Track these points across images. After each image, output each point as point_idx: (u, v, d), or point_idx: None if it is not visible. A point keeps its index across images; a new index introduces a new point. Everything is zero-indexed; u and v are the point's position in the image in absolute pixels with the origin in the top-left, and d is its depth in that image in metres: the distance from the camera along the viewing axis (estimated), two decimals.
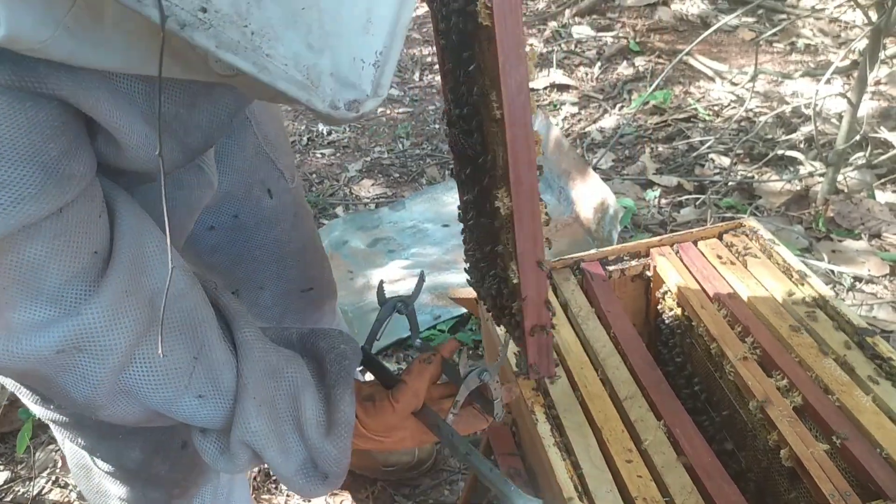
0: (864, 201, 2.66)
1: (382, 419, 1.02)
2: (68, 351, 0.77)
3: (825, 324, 1.32)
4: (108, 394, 0.83)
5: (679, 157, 3.10)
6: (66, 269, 0.76)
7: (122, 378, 0.83)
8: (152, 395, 0.85)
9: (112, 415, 0.86)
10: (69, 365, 0.79)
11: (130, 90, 0.74)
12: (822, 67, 3.43)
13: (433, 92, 3.78)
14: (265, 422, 0.92)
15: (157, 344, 0.80)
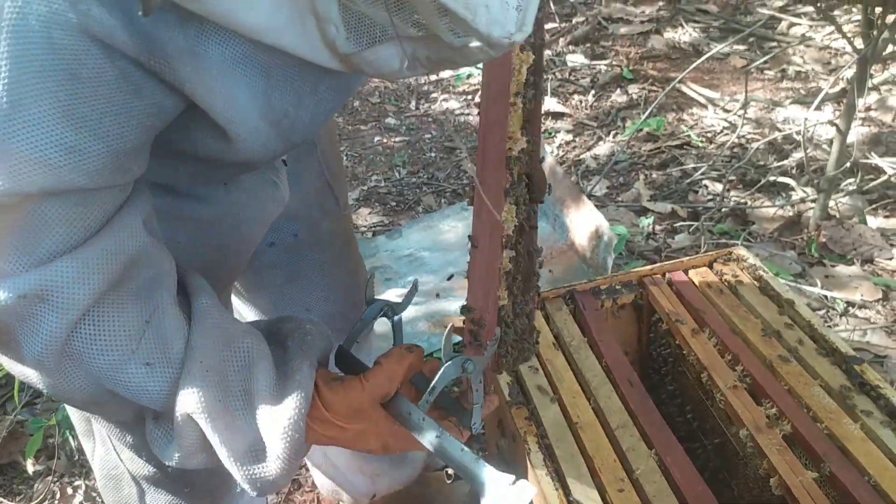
0: (855, 227, 2.69)
1: (348, 399, 0.93)
2: (30, 299, 0.77)
3: (813, 352, 1.33)
4: (57, 354, 0.81)
5: (673, 183, 3.13)
6: (67, 236, 0.77)
7: (71, 338, 0.81)
8: (98, 357, 0.83)
9: (57, 385, 0.84)
10: (28, 314, 0.78)
11: (252, 84, 0.78)
12: (812, 94, 3.47)
13: (429, 121, 3.83)
14: (213, 391, 0.87)
15: (111, 305, 0.81)
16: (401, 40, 0.74)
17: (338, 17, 0.72)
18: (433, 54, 0.76)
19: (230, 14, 0.68)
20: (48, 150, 0.69)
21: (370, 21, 0.73)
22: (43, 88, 0.66)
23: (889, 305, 2.43)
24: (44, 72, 0.66)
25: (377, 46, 0.74)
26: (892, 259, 2.59)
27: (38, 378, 0.84)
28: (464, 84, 4.11)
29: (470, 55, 0.72)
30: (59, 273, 0.77)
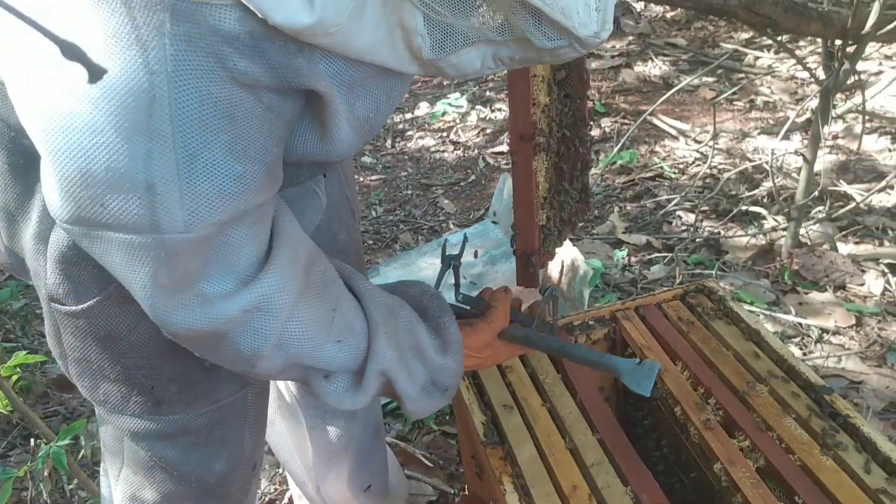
0: (826, 254, 2.73)
1: (480, 337, 1.20)
2: (251, 311, 0.91)
3: (784, 383, 1.35)
4: (272, 347, 0.95)
5: (647, 215, 3.16)
6: (256, 250, 0.91)
7: (282, 334, 0.96)
8: (302, 344, 0.98)
9: (265, 366, 0.99)
10: (249, 322, 0.92)
11: (342, 96, 0.87)
12: (780, 124, 3.54)
13: (405, 158, 3.86)
14: (394, 351, 1.07)
15: (306, 303, 0.98)
16: (485, 44, 0.85)
17: (423, 28, 0.82)
18: (517, 54, 0.86)
19: (348, 42, 0.79)
20: (224, 183, 0.80)
21: (454, 29, 0.83)
22: (210, 136, 0.78)
23: (863, 331, 2.45)
24: (207, 122, 0.77)
25: (460, 51, 0.85)
26: (864, 285, 2.63)
27: (249, 365, 0.98)
28: (439, 121, 4.15)
29: (560, 55, 0.84)
30: (267, 286, 0.91)
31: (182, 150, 0.77)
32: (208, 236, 0.83)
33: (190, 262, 0.84)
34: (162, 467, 1.19)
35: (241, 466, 1.26)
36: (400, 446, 2.18)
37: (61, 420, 2.39)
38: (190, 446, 1.18)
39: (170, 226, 0.80)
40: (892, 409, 2.18)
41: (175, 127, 0.76)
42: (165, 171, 0.77)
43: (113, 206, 0.79)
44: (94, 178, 0.77)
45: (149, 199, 0.78)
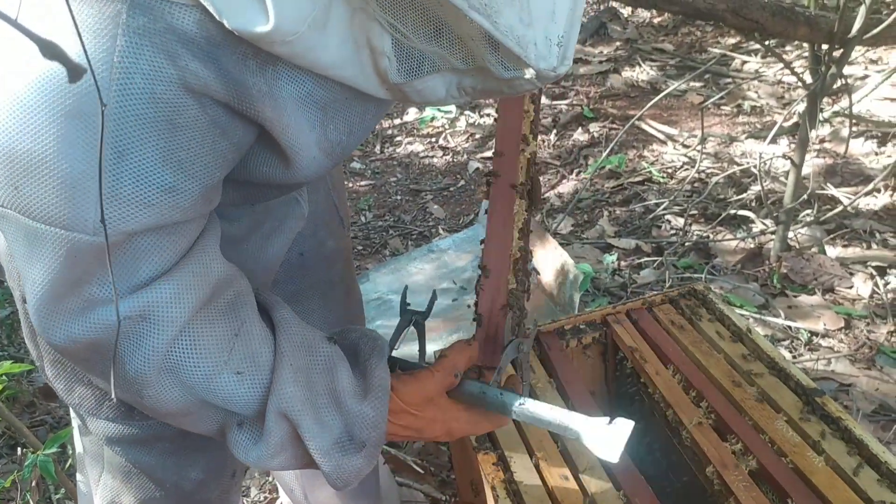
0: (815, 257, 2.74)
1: (419, 387, 1.04)
2: (134, 319, 0.84)
3: (776, 385, 1.35)
4: (157, 368, 0.88)
5: (636, 219, 3.17)
6: (161, 262, 0.85)
7: (169, 353, 0.88)
8: (194, 369, 0.90)
9: (154, 396, 0.90)
10: (131, 332, 0.85)
11: (312, 119, 0.85)
12: (768, 128, 3.56)
13: (394, 164, 3.85)
14: (301, 390, 0.95)
15: (203, 322, 0.90)
16: (450, 72, 0.84)
17: (391, 50, 0.81)
18: (479, 84, 0.85)
19: (308, 53, 0.76)
20: (151, 192, 0.76)
21: (420, 54, 0.82)
22: (145, 137, 0.74)
23: (851, 334, 2.46)
24: (146, 123, 0.73)
25: (425, 77, 0.83)
26: (852, 288, 2.64)
27: (136, 392, 0.90)
28: (428, 127, 4.15)
29: (518, 86, 0.82)
30: (159, 294, 0.84)
31: (111, 146, 0.73)
32: (115, 243, 0.79)
33: (87, 265, 0.80)
34: (138, 473, 1.18)
35: (219, 474, 1.25)
36: (391, 453, 2.17)
37: (48, 429, 2.37)
38: (165, 452, 1.17)
39: (79, 225, 0.76)
40: (881, 411, 2.18)
41: (110, 120, 0.72)
42: (87, 166, 0.73)
43: (27, 191, 0.74)
44: (14, 158, 0.73)
45: (64, 192, 0.74)
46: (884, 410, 2.18)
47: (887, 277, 2.66)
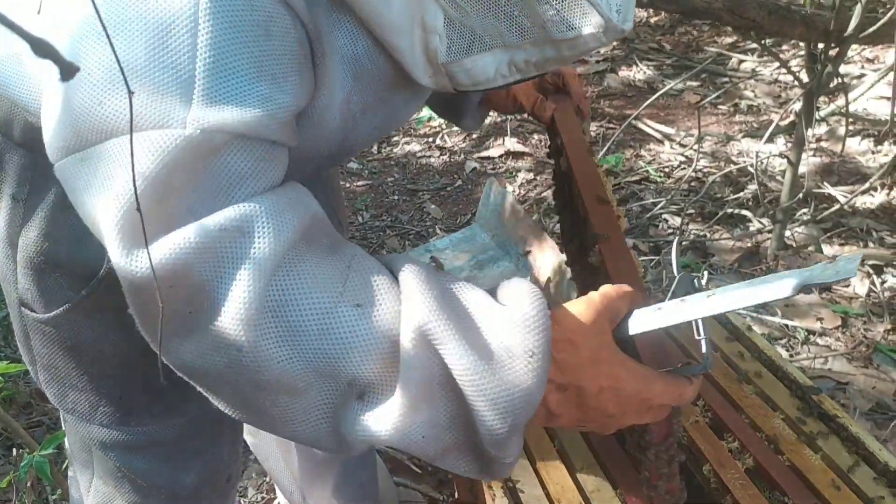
0: (812, 255, 2.74)
1: (582, 311, 0.80)
2: (231, 231, 0.72)
3: (772, 383, 1.35)
4: (260, 303, 0.72)
5: (633, 218, 3.17)
6: (255, 188, 0.75)
7: (272, 284, 0.73)
8: (304, 302, 0.73)
9: (254, 354, 0.73)
10: (228, 250, 0.72)
11: (344, 83, 0.83)
12: (764, 127, 3.56)
13: (391, 164, 3.85)
14: (439, 307, 0.74)
15: (308, 254, 0.76)
16: (501, 49, 0.83)
17: (442, 29, 0.80)
18: (534, 57, 0.84)
19: (378, 8, 0.77)
20: (247, 97, 0.72)
21: (471, 32, 0.82)
22: (241, 42, 0.71)
23: (848, 332, 2.46)
24: (242, 27, 0.71)
25: (475, 56, 0.83)
26: (849, 286, 2.64)
27: (231, 353, 0.73)
28: (425, 126, 4.15)
29: (581, 44, 0.82)
30: (258, 207, 0.73)
31: (208, 49, 0.69)
32: (212, 149, 0.71)
33: (180, 176, 0.71)
34: (132, 478, 1.16)
35: (214, 479, 1.23)
36: (388, 453, 2.17)
37: (45, 431, 2.36)
38: (160, 458, 1.15)
39: (174, 121, 0.69)
40: (878, 409, 2.19)
41: (207, 22, 0.69)
42: (183, 67, 0.69)
43: (113, 104, 0.70)
44: (100, 69, 0.70)
45: (156, 96, 0.69)
46: (880, 408, 2.19)
47: (884, 276, 2.67)
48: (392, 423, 0.75)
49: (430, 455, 0.79)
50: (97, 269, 0.98)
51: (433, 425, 0.77)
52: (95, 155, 0.72)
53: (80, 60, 0.71)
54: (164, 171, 0.70)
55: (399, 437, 0.76)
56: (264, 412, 0.78)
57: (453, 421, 0.77)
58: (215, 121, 0.70)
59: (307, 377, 0.74)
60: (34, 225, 0.97)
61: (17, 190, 0.97)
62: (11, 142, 0.96)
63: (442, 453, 0.80)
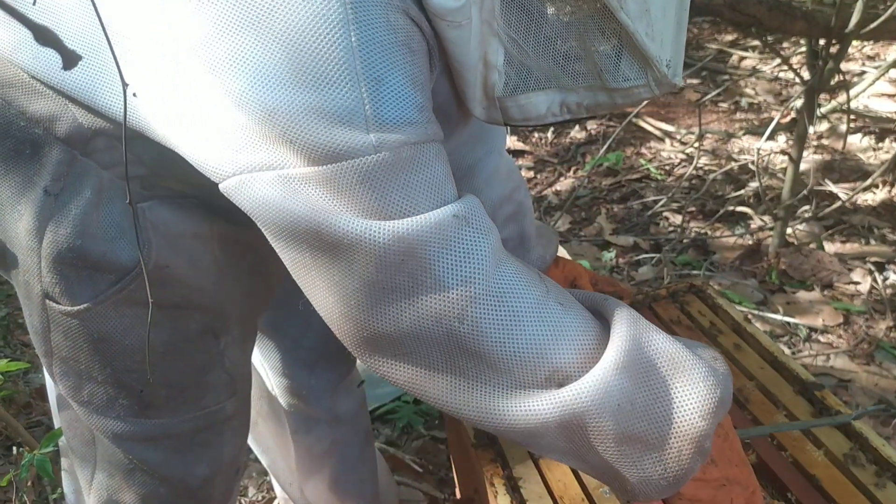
0: (813, 253, 2.74)
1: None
2: (461, 218, 0.81)
3: (775, 379, 1.34)
4: (485, 292, 0.81)
5: (634, 216, 3.17)
6: (452, 190, 0.84)
7: (497, 273, 0.83)
8: (525, 292, 0.83)
9: (475, 329, 0.82)
10: (455, 237, 0.81)
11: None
12: (765, 125, 3.56)
13: None
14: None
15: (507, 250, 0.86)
16: (556, 90, 0.89)
17: (502, 65, 0.87)
18: (585, 100, 0.90)
19: (461, 43, 0.84)
20: (409, 111, 0.78)
21: (528, 71, 0.88)
22: (393, 63, 0.77)
23: (850, 329, 2.46)
24: (391, 49, 0.77)
25: (531, 93, 0.89)
26: (851, 283, 2.64)
27: (453, 322, 0.82)
28: None
29: (635, 94, 0.88)
30: (471, 201, 0.83)
31: (367, 76, 0.76)
32: (404, 160, 0.79)
33: (394, 192, 0.79)
34: (142, 470, 1.16)
35: (224, 470, 1.24)
36: (389, 452, 2.16)
37: (44, 430, 2.36)
38: (172, 449, 1.16)
39: (362, 150, 0.76)
40: (880, 406, 2.18)
41: (359, 52, 0.75)
42: (349, 96, 0.75)
43: (304, 139, 0.76)
44: (278, 111, 0.76)
45: (333, 125, 0.76)
46: (883, 405, 2.18)
47: (886, 273, 2.66)
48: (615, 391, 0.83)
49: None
50: (130, 266, 0.99)
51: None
52: (288, 181, 0.79)
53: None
54: (374, 194, 0.78)
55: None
56: (463, 375, 0.85)
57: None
58: (395, 139, 0.77)
59: (512, 360, 0.83)
60: (66, 221, 0.97)
61: (52, 184, 0.97)
62: (53, 136, 0.96)
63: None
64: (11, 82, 0.95)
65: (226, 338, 1.13)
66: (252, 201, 0.81)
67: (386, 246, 0.78)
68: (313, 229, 0.79)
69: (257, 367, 1.57)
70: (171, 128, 0.85)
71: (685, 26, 0.90)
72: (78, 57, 0.44)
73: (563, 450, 0.88)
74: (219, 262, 1.05)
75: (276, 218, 0.81)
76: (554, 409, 0.83)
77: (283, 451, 1.65)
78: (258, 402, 1.61)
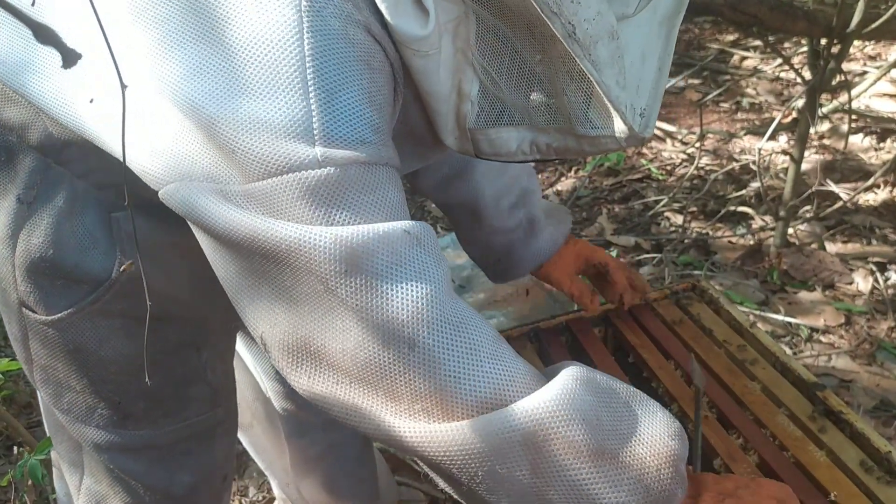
0: (815, 253, 2.73)
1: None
2: (413, 236, 0.78)
3: (777, 380, 1.34)
4: (440, 319, 0.77)
5: (635, 216, 3.16)
6: (406, 216, 0.81)
7: (453, 301, 0.80)
8: (481, 327, 0.81)
9: (427, 357, 0.76)
10: (407, 254, 0.77)
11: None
12: (766, 125, 3.55)
13: None
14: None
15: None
16: (527, 128, 0.87)
17: (476, 96, 0.85)
18: (556, 143, 0.88)
19: (429, 73, 0.82)
20: (362, 129, 0.75)
21: (502, 105, 0.86)
22: (349, 77, 0.74)
23: (852, 330, 2.46)
24: (348, 63, 0.74)
25: (502, 128, 0.88)
26: (853, 284, 2.63)
27: (402, 347, 0.77)
28: None
29: (602, 144, 0.85)
30: (424, 225, 0.80)
31: (321, 87, 0.73)
32: (350, 179, 0.75)
33: (340, 211, 0.75)
34: (126, 479, 1.15)
35: (210, 478, 1.23)
36: (389, 451, 2.16)
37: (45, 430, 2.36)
38: (154, 460, 1.14)
39: (305, 161, 0.73)
40: (882, 406, 2.18)
41: (311, 61, 0.73)
42: (299, 107, 0.72)
43: (244, 152, 0.74)
44: (221, 121, 0.73)
45: (279, 137, 0.73)
46: (885, 406, 2.18)
47: (887, 273, 2.66)
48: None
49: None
50: (104, 277, 0.98)
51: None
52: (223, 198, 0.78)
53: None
54: (316, 210, 0.74)
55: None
56: (413, 398, 0.78)
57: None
58: (343, 155, 0.74)
59: (468, 396, 0.77)
60: (39, 230, 0.96)
61: (24, 192, 0.96)
62: (26, 144, 0.95)
63: None
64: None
65: (208, 351, 1.12)
66: (188, 206, 0.78)
67: (326, 251, 0.73)
68: (249, 237, 0.75)
69: (252, 370, 1.57)
70: (116, 135, 0.81)
71: (667, 72, 0.86)
72: (77, 55, 0.43)
73: (524, 486, 0.78)
74: (196, 274, 0.99)
75: (211, 224, 0.77)
76: (519, 421, 0.76)
77: (278, 453, 1.65)
78: (253, 405, 1.60)
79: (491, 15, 0.80)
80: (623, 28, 0.79)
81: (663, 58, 0.85)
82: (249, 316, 0.83)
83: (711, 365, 1.38)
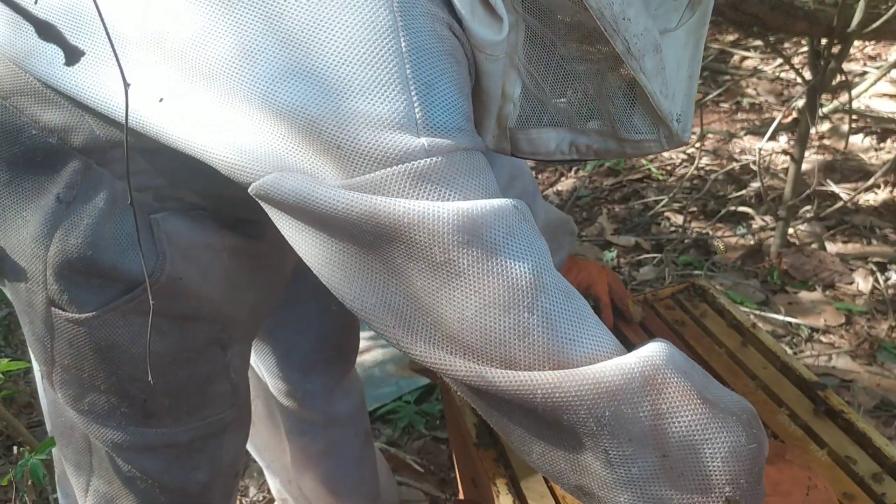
0: (815, 253, 2.73)
1: None
2: (520, 212, 0.80)
3: (777, 379, 1.34)
4: (554, 272, 0.81)
5: (635, 216, 3.16)
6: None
7: (552, 271, 0.80)
8: (580, 298, 0.82)
9: (545, 317, 0.78)
10: (517, 226, 0.79)
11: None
12: (766, 125, 3.55)
13: None
14: None
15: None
16: (567, 129, 0.91)
17: (518, 98, 0.89)
18: (596, 144, 0.91)
19: (496, 76, 0.86)
20: (459, 118, 0.78)
21: (543, 107, 0.89)
22: (442, 70, 0.77)
23: (852, 330, 2.46)
24: (440, 57, 0.78)
25: (542, 128, 0.91)
26: (853, 283, 2.63)
27: (522, 312, 0.78)
28: None
29: (645, 147, 0.90)
30: (524, 204, 0.82)
31: (419, 81, 0.76)
32: (455, 164, 0.77)
33: (445, 188, 0.77)
34: (142, 478, 1.15)
35: (224, 475, 1.24)
36: (390, 452, 2.16)
37: (45, 430, 2.35)
38: (171, 458, 1.15)
39: (413, 152, 0.75)
40: (882, 406, 2.18)
41: (409, 58, 0.75)
42: (400, 100, 0.75)
43: (349, 148, 0.75)
44: (322, 120, 0.75)
45: (385, 130, 0.75)
46: (885, 406, 2.18)
47: (888, 273, 2.66)
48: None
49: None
50: (142, 277, 0.98)
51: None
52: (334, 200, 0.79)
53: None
54: (434, 193, 0.76)
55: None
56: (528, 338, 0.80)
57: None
58: (447, 143, 0.76)
59: (581, 359, 0.79)
60: (77, 231, 0.96)
61: (65, 192, 0.96)
62: (69, 145, 0.95)
63: None
64: (23, 90, 0.94)
65: (232, 349, 1.13)
66: (294, 192, 0.78)
67: (450, 222, 0.75)
68: (367, 213, 0.75)
69: (254, 367, 1.57)
70: (199, 135, 0.83)
71: (697, 80, 0.92)
72: (81, 52, 0.43)
73: (645, 428, 0.79)
74: (229, 274, 1.04)
75: (321, 207, 0.77)
76: (638, 366, 0.78)
77: (279, 450, 1.65)
78: (254, 402, 1.61)
79: (541, 24, 0.85)
80: (663, 41, 0.85)
81: (692, 66, 0.91)
82: (355, 294, 0.83)
83: (712, 365, 1.38)
